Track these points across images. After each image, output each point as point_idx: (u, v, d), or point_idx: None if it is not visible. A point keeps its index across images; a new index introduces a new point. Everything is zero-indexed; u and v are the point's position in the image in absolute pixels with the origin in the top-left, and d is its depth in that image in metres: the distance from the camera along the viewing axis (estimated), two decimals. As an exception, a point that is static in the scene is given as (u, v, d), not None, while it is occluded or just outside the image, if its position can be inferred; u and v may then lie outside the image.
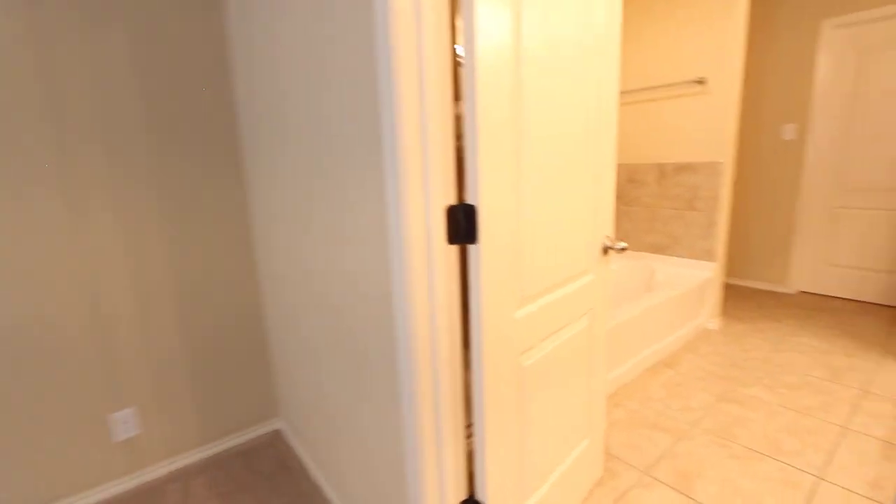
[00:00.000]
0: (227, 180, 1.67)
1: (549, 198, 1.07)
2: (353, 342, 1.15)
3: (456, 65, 0.90)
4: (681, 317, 2.63)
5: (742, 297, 3.45)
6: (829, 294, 3.39)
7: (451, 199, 0.93)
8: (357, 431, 1.24)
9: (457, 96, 0.91)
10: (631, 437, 1.82)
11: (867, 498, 1.47)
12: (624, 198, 3.24)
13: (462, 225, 0.93)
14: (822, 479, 1.55)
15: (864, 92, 3.01)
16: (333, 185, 1.09)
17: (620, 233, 3.30)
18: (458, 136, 0.93)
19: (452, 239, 0.94)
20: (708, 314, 2.87)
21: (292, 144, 1.25)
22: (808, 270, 3.45)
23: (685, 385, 2.21)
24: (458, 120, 0.92)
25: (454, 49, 0.88)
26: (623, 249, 1.29)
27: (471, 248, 0.93)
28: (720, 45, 2.57)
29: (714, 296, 2.85)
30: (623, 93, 3.07)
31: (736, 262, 3.78)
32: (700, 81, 2.67)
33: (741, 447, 1.73)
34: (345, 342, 1.19)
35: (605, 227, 1.32)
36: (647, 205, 3.10)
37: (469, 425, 1.06)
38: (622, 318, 2.18)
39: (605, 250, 1.33)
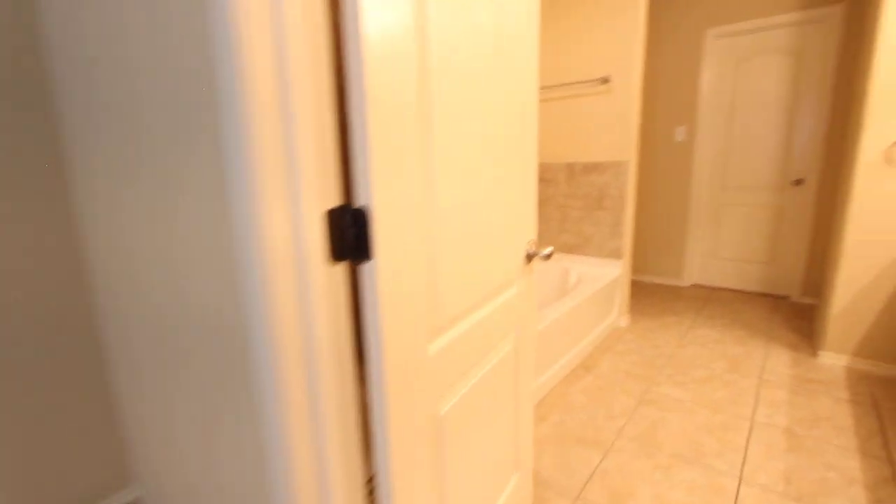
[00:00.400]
0: (32, 167, 1.21)
1: (466, 198, 0.85)
2: (201, 394, 0.83)
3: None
4: (595, 317, 2.60)
5: (645, 293, 3.59)
6: (718, 285, 3.66)
7: (335, 201, 0.66)
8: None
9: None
10: (559, 456, 1.68)
11: (783, 495, 1.47)
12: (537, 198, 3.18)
13: (350, 235, 0.66)
14: (743, 481, 1.53)
15: (741, 97, 3.27)
16: (155, 178, 0.76)
17: (533, 233, 3.24)
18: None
19: (337, 254, 0.67)
20: (618, 312, 2.90)
21: (106, 125, 0.89)
22: (698, 264, 3.70)
23: (606, 389, 2.15)
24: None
25: (328, -15, 0.62)
26: (549, 256, 1.11)
27: (364, 266, 0.67)
28: (622, 44, 2.59)
29: (623, 294, 2.89)
30: (531, 91, 3.01)
31: (638, 258, 3.95)
32: (604, 80, 2.68)
33: (666, 456, 1.67)
34: (192, 389, 0.86)
35: (528, 231, 1.14)
36: (559, 205, 3.07)
37: (370, 479, 0.80)
38: (543, 324, 2.06)
39: (529, 258, 1.15)
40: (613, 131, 2.72)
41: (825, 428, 1.80)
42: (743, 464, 1.62)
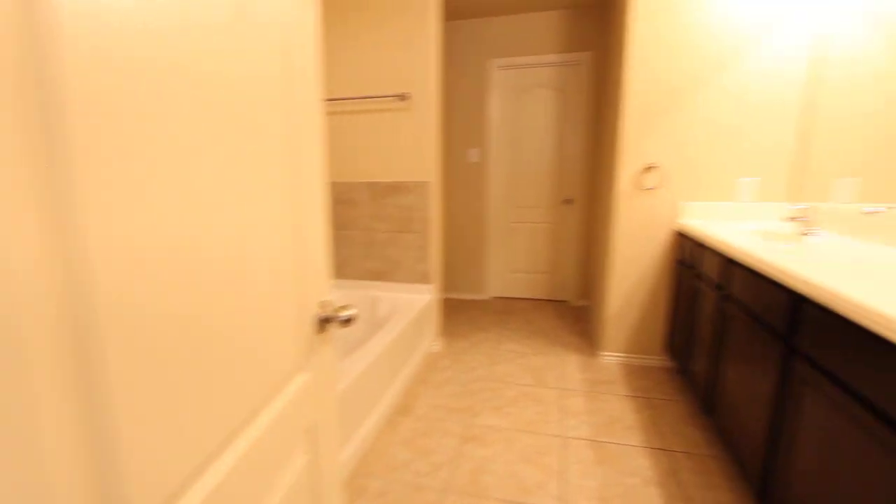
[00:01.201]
0: None
1: (198, 244, 0.46)
2: None
3: None
4: (410, 348, 2.40)
5: (454, 310, 3.62)
6: (515, 296, 3.95)
7: None
8: None
9: None
10: (381, 545, 1.36)
11: (602, 518, 1.47)
12: (338, 221, 2.84)
13: None
14: (567, 513, 1.49)
15: (522, 123, 3.60)
16: None
17: (338, 259, 2.89)
18: None
19: None
20: (431, 337, 2.78)
21: None
22: (497, 278, 3.93)
23: (427, 433, 1.94)
24: None
25: None
26: (349, 321, 0.79)
27: None
28: (419, 63, 2.49)
29: (435, 318, 2.78)
30: (331, 100, 2.67)
31: (446, 276, 3.98)
32: (404, 97, 2.53)
33: (494, 502, 1.53)
34: None
35: (318, 287, 0.80)
36: (363, 228, 2.79)
37: None
38: (354, 371, 1.72)
39: (323, 324, 0.81)
40: (415, 151, 2.60)
41: (620, 430, 1.96)
42: (564, 492, 1.59)
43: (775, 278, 1.30)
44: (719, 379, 1.72)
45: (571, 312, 3.55)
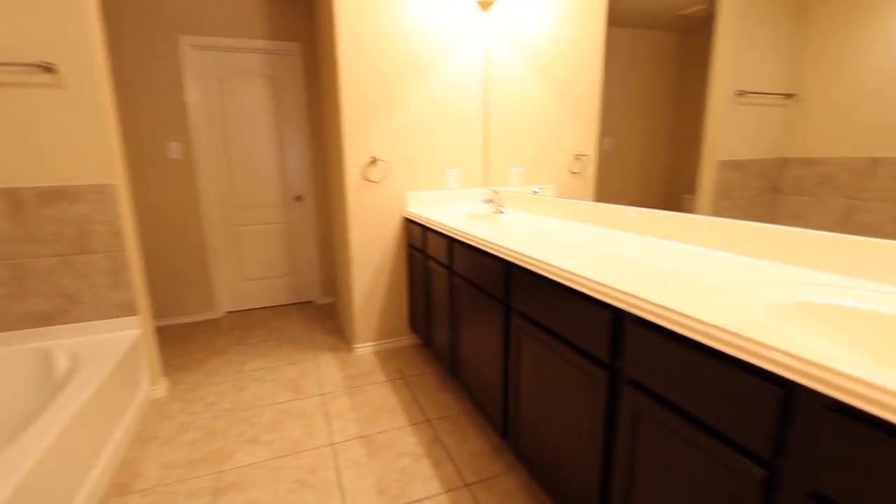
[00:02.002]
0: None
1: None
2: None
3: None
4: (116, 405, 1.82)
5: (178, 339, 2.97)
6: (252, 307, 3.54)
7: None
8: None
9: None
10: None
11: (385, 511, 1.47)
12: (-52, 250, 1.86)
13: None
14: (351, 522, 1.43)
15: (232, 115, 3.18)
16: None
17: (-40, 309, 1.90)
18: None
19: None
20: (149, 381, 2.19)
21: None
22: (229, 290, 3.44)
23: (163, 507, 1.52)
24: None
25: None
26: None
27: None
28: (73, 21, 1.83)
29: (151, 356, 2.20)
30: None
31: (161, 301, 3.21)
32: (49, 69, 1.82)
33: (271, 552, 1.33)
34: None
35: None
36: (4, 256, 1.92)
37: None
38: (18, 472, 1.16)
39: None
40: (83, 144, 1.93)
41: (384, 417, 2.01)
42: (344, 500, 1.52)
43: (489, 250, 1.55)
44: (458, 344, 1.97)
45: (319, 312, 3.45)
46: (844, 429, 0.59)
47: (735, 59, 1.25)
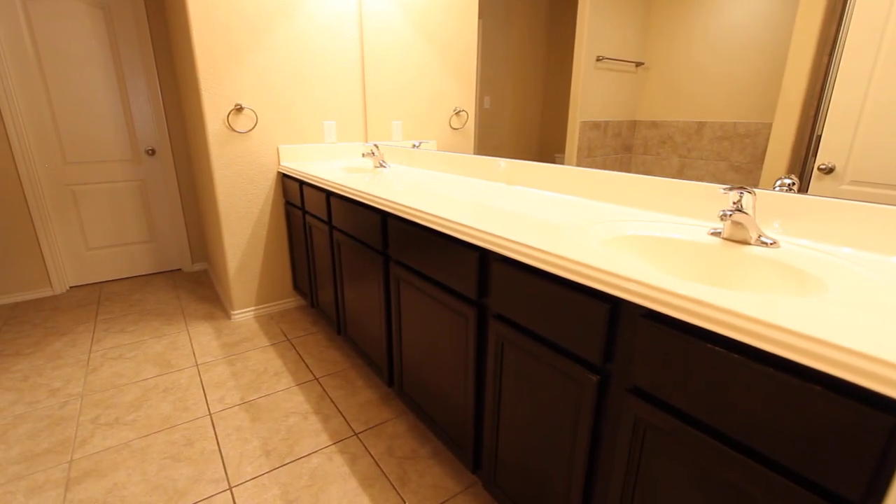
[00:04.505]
0: None
1: None
2: None
3: None
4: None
5: (2, 322, 2.48)
6: (105, 279, 3.08)
7: None
8: None
9: None
10: None
11: (271, 471, 1.45)
12: None
13: None
14: (234, 488, 1.38)
15: (48, 49, 2.59)
16: None
17: None
18: None
19: None
20: (-34, 373, 1.82)
21: None
22: (71, 262, 2.93)
23: (-4, 509, 1.31)
24: None
25: None
26: None
27: None
28: None
29: (-36, 343, 1.81)
30: None
31: (-34, 278, 2.62)
32: None
33: (141, 532, 1.23)
34: None
35: None
36: None
37: None
38: None
39: None
40: None
41: (268, 381, 1.94)
42: (225, 469, 1.46)
43: (367, 202, 1.52)
44: (344, 300, 1.95)
45: (189, 280, 3.13)
46: (652, 330, 0.71)
47: (595, 26, 1.35)
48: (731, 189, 0.92)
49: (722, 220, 0.92)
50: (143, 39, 2.81)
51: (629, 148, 1.33)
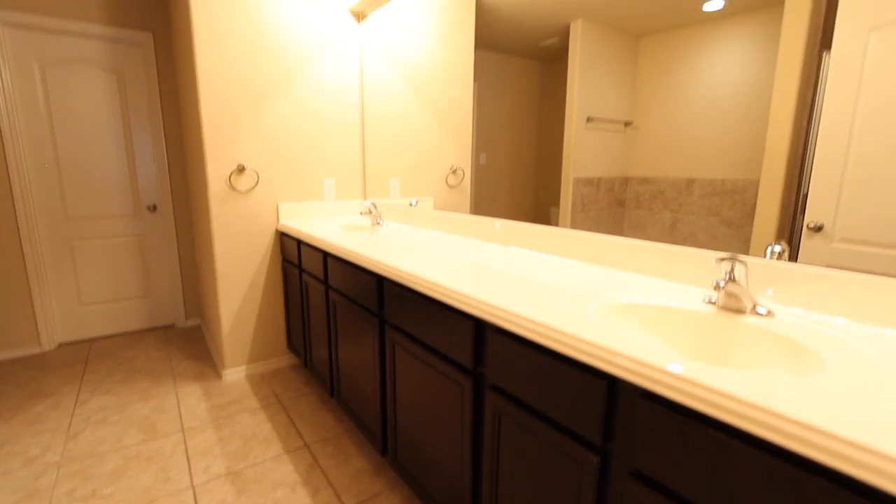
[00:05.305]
0: None
1: None
2: None
3: None
4: None
5: (-15, 383, 2.40)
6: (95, 336, 3.02)
7: None
8: None
9: None
10: None
11: (254, 552, 1.35)
12: None
13: None
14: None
15: (60, 110, 2.70)
16: None
17: None
18: None
19: None
20: (-60, 440, 1.73)
21: None
22: (62, 318, 2.89)
23: None
24: None
25: None
26: None
27: None
28: None
29: (-58, 408, 1.75)
30: None
31: (-47, 336, 2.57)
32: None
33: None
34: None
35: None
36: None
37: None
38: None
39: None
40: None
41: (256, 448, 1.85)
42: (205, 550, 1.36)
43: (363, 265, 1.53)
44: (337, 361, 1.90)
45: (181, 336, 3.07)
46: (650, 411, 0.69)
47: (584, 89, 1.42)
48: (722, 259, 0.93)
49: (716, 290, 0.92)
50: (152, 101, 2.93)
51: (622, 202, 1.36)
